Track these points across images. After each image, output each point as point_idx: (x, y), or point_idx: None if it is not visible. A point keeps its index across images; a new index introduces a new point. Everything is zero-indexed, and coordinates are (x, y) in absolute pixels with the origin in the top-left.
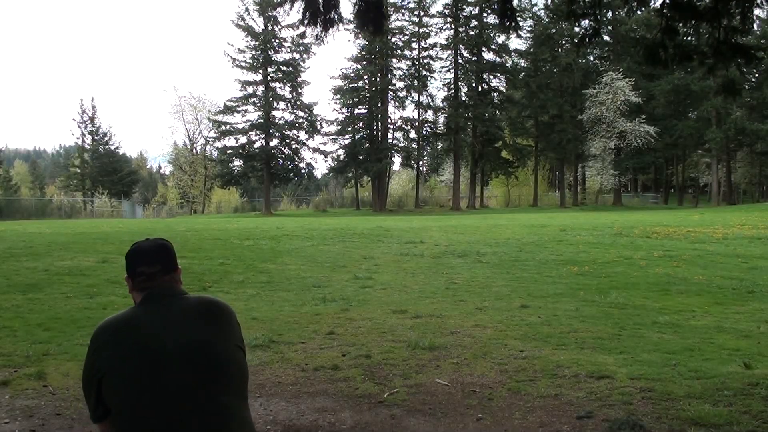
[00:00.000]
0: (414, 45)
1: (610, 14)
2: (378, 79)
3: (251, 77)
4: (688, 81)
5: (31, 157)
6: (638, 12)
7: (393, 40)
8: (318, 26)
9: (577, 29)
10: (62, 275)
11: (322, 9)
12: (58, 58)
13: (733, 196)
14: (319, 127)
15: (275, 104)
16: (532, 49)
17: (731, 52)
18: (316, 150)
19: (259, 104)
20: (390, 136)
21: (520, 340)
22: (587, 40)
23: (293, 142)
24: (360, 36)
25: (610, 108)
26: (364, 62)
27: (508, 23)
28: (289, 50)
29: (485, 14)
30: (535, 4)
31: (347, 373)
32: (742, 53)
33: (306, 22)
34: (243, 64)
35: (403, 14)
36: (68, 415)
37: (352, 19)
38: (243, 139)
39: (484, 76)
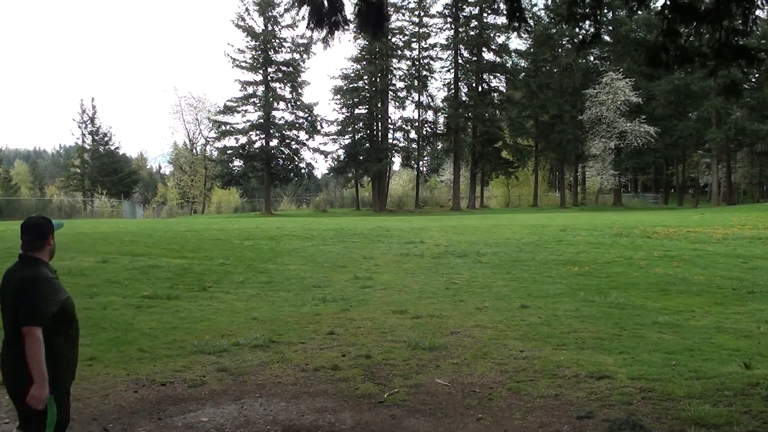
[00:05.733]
0: (414, 45)
1: (610, 15)
2: (378, 80)
3: (251, 77)
4: (689, 81)
5: (31, 157)
6: (639, 13)
7: (393, 40)
8: (324, 29)
9: (577, 30)
10: (62, 275)
11: (326, 12)
12: (58, 58)
13: (733, 196)
14: (319, 127)
15: (275, 104)
16: (532, 50)
17: (733, 54)
18: (316, 150)
19: (259, 104)
20: (390, 136)
21: (520, 340)
22: (587, 43)
23: (293, 143)
24: (360, 36)
25: (610, 108)
26: (364, 62)
27: (517, 24)
28: (289, 50)
29: (485, 14)
30: (536, 5)
31: (347, 374)
32: (743, 55)
33: (313, 26)
34: (243, 64)
35: (403, 14)
36: None
37: (352, 20)
38: (243, 140)
39: (484, 76)
